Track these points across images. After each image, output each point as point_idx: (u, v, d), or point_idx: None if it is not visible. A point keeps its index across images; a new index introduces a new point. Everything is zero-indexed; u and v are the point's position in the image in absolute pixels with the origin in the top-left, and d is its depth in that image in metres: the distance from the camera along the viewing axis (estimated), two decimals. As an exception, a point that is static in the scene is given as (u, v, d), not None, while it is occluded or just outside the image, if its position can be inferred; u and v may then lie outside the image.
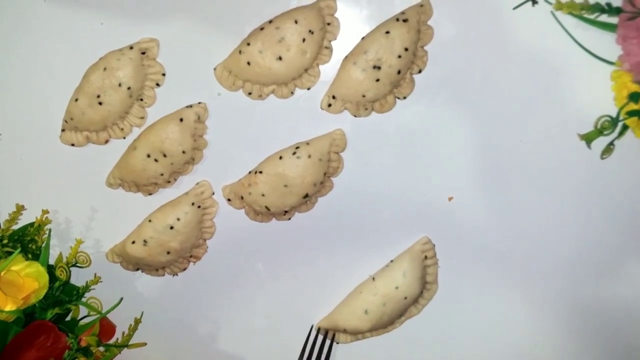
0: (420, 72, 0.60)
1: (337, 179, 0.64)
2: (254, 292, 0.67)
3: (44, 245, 0.63)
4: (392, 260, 0.64)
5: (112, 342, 0.67)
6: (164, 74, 0.63)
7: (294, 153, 0.61)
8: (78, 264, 0.65)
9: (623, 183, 0.61)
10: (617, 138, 0.60)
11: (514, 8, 0.59)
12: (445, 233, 0.64)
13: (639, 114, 0.59)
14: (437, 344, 0.66)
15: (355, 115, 0.61)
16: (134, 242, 0.64)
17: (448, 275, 0.64)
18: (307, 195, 0.62)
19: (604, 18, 0.57)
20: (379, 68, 0.58)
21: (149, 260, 0.64)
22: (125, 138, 0.64)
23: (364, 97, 0.60)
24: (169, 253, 0.64)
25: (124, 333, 0.66)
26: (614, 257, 0.63)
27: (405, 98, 0.61)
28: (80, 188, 0.66)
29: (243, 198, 0.63)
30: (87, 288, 0.64)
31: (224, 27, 0.62)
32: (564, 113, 0.60)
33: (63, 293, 0.64)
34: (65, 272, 0.63)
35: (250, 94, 0.62)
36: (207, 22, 0.62)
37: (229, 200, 0.64)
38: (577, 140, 0.60)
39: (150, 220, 0.64)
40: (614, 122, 0.59)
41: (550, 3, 0.58)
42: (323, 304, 0.66)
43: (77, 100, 0.62)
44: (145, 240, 0.63)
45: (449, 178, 0.63)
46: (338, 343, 0.66)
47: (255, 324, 0.68)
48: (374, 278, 0.64)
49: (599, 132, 0.60)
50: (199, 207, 0.64)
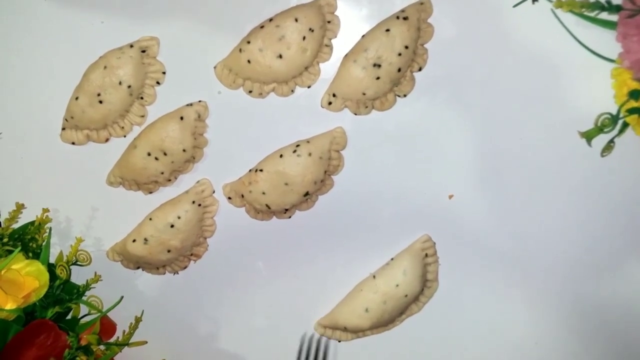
0: (421, 70, 0.60)
1: (337, 177, 0.64)
2: (255, 290, 0.67)
3: (45, 244, 0.63)
4: (392, 258, 0.64)
5: (112, 340, 0.67)
6: (164, 73, 0.63)
7: (295, 151, 0.61)
8: (78, 263, 0.65)
9: (623, 181, 0.61)
10: (617, 135, 0.60)
11: (514, 6, 0.59)
12: (446, 231, 0.64)
13: (639, 112, 0.59)
14: (437, 342, 0.66)
15: (356, 113, 0.61)
16: (135, 240, 0.64)
17: (448, 273, 0.64)
18: (307, 194, 0.62)
19: (604, 16, 0.58)
20: (379, 66, 0.58)
21: (150, 259, 0.64)
22: (126, 136, 0.64)
23: (364, 95, 0.60)
24: (170, 251, 0.64)
25: (125, 331, 0.66)
26: (614, 254, 0.63)
27: (406, 96, 0.61)
28: (81, 186, 0.66)
29: (243, 196, 0.63)
30: (87, 286, 0.64)
31: (224, 25, 0.62)
32: (564, 111, 0.60)
33: (63, 292, 0.64)
34: (66, 270, 0.63)
35: (251, 92, 0.62)
36: (207, 20, 0.62)
37: (230, 199, 0.64)
38: (577, 138, 0.60)
39: (151, 219, 0.64)
40: (614, 119, 0.59)
41: (551, 1, 0.58)
42: (324, 302, 0.66)
43: (77, 99, 0.62)
44: (146, 239, 0.63)
45: (449, 176, 0.63)
46: (339, 341, 0.66)
47: (256, 322, 0.68)
48: (375, 276, 0.64)
49: (599, 129, 0.60)
50: (200, 205, 0.64)
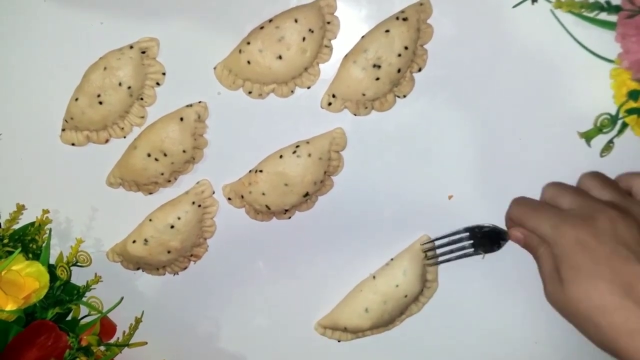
0: (420, 70, 0.61)
1: (337, 178, 0.64)
2: (255, 290, 0.67)
3: (45, 245, 0.63)
4: (392, 259, 0.64)
5: (112, 341, 0.67)
6: (164, 73, 0.63)
7: (294, 152, 0.61)
8: (79, 264, 0.65)
9: (623, 181, 0.61)
10: (616, 136, 0.60)
11: (514, 6, 0.59)
12: (445, 231, 0.64)
13: (639, 112, 0.59)
14: (438, 342, 0.66)
15: (355, 114, 0.61)
16: (135, 241, 0.64)
17: (448, 274, 0.64)
18: (307, 194, 0.62)
19: (604, 16, 0.58)
20: (379, 67, 0.59)
21: (150, 260, 0.64)
22: (126, 137, 0.64)
23: (364, 95, 0.60)
24: (170, 252, 0.64)
25: (125, 332, 0.67)
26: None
27: (405, 97, 0.61)
28: (81, 187, 0.66)
29: (243, 197, 0.64)
30: (87, 287, 0.64)
31: (224, 26, 0.61)
32: (564, 111, 0.60)
33: (64, 292, 0.64)
34: (66, 271, 0.63)
35: (251, 93, 0.62)
36: (207, 21, 0.62)
37: (230, 199, 0.64)
38: (576, 138, 0.60)
39: (151, 220, 0.64)
40: (614, 120, 0.59)
41: (550, 1, 0.58)
42: (324, 303, 0.66)
43: (77, 100, 0.62)
44: (146, 240, 0.63)
45: (449, 176, 0.63)
46: (339, 341, 0.66)
47: (256, 323, 0.68)
48: (375, 276, 0.64)
49: (599, 130, 0.60)
50: (200, 206, 0.64)
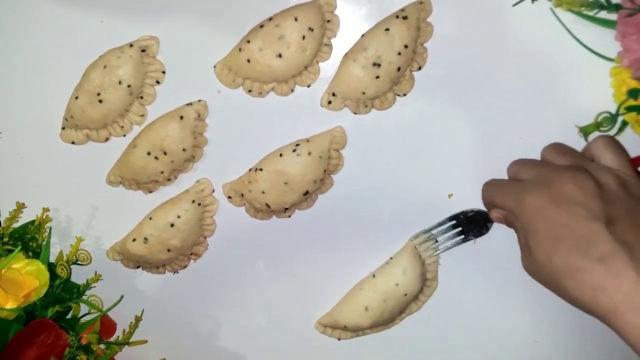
0: (420, 69, 0.61)
1: (337, 176, 0.64)
2: (254, 289, 0.67)
3: (45, 243, 0.63)
4: (391, 257, 0.64)
5: (112, 339, 0.67)
6: (164, 72, 0.63)
7: (294, 150, 0.61)
8: (78, 262, 0.65)
9: (622, 179, 0.61)
10: (616, 134, 0.60)
11: (514, 5, 0.59)
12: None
13: (638, 110, 0.59)
14: (437, 340, 0.66)
15: (355, 113, 0.61)
16: (135, 239, 0.64)
17: (448, 272, 0.64)
18: (307, 193, 0.62)
19: (603, 15, 0.58)
20: (379, 65, 0.59)
21: (150, 258, 0.64)
22: (126, 136, 0.64)
23: (364, 94, 0.60)
24: (170, 251, 0.64)
25: (125, 331, 0.67)
26: (614, 253, 0.63)
27: (405, 95, 0.61)
28: (81, 186, 0.66)
29: (243, 195, 0.64)
30: (87, 286, 0.64)
31: (224, 24, 0.62)
32: (564, 109, 0.60)
33: (64, 291, 0.64)
34: (66, 270, 0.63)
35: (250, 92, 0.62)
36: (206, 19, 0.62)
37: (229, 198, 0.65)
38: (577, 137, 0.60)
39: (151, 218, 0.64)
40: (614, 118, 0.59)
41: (550, 0, 0.58)
42: (323, 301, 0.66)
43: (77, 98, 0.62)
44: (146, 238, 0.63)
45: (449, 175, 0.63)
46: (339, 340, 0.66)
47: (256, 321, 0.68)
48: (374, 275, 0.64)
49: (597, 126, 0.60)
50: (200, 204, 0.64)
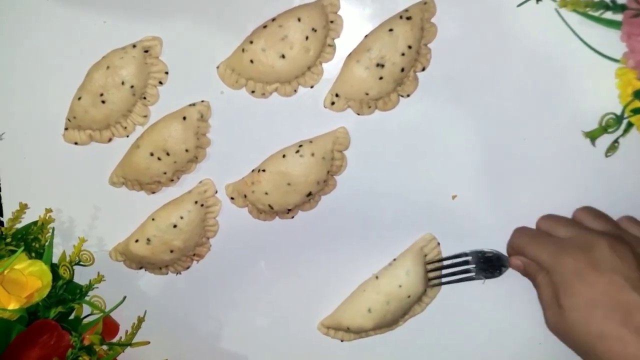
0: (424, 69, 0.60)
1: (340, 177, 0.63)
2: (257, 290, 0.67)
3: (47, 244, 0.63)
4: (395, 259, 0.64)
5: (115, 340, 0.67)
6: (167, 73, 0.63)
7: (297, 151, 0.61)
8: (81, 263, 0.65)
9: (627, 181, 0.61)
10: (621, 135, 0.59)
11: (518, 5, 0.58)
12: (449, 232, 0.63)
13: (644, 112, 0.59)
14: (441, 342, 0.66)
15: (359, 114, 0.61)
16: (137, 240, 0.64)
17: (452, 274, 0.64)
18: (310, 194, 0.62)
19: (609, 15, 0.57)
20: (383, 66, 0.58)
21: (152, 259, 0.64)
22: (129, 136, 0.64)
23: (367, 95, 0.60)
24: (172, 251, 0.64)
25: (127, 332, 0.66)
26: (619, 255, 0.63)
27: (409, 96, 0.61)
28: (84, 187, 0.66)
29: (246, 196, 0.63)
30: (90, 287, 0.64)
31: (227, 25, 0.61)
32: (568, 111, 0.60)
33: (66, 292, 0.64)
34: (69, 270, 0.63)
35: (253, 92, 0.62)
36: (210, 20, 0.62)
37: (232, 199, 0.64)
38: (581, 138, 0.60)
39: (154, 219, 0.64)
40: (619, 119, 0.59)
41: (555, 0, 0.58)
42: (326, 302, 0.65)
43: (80, 99, 0.62)
44: (149, 239, 0.63)
45: (453, 176, 0.62)
46: (342, 341, 0.66)
47: (259, 323, 0.68)
48: (378, 276, 0.63)
49: (604, 129, 0.59)
50: (202, 205, 0.64)
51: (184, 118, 0.62)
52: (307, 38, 0.59)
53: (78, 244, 0.64)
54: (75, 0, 0.62)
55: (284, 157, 0.61)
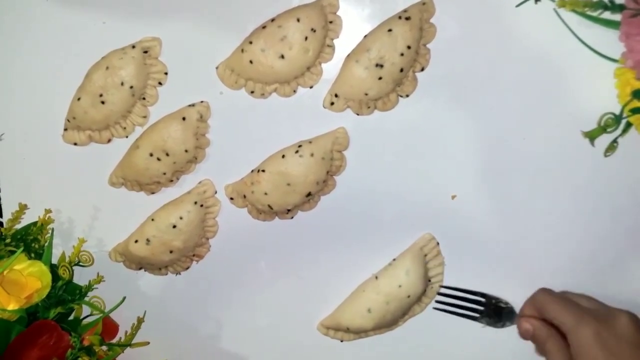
0: (423, 70, 0.60)
1: (339, 178, 0.63)
2: (257, 291, 0.67)
3: (47, 245, 0.63)
4: (394, 259, 0.64)
5: (114, 341, 0.66)
6: (167, 73, 0.63)
7: (297, 152, 0.61)
8: (81, 263, 0.65)
9: (626, 180, 0.61)
10: (620, 135, 0.60)
11: (517, 5, 0.58)
12: (449, 232, 0.63)
13: (643, 111, 0.59)
14: (440, 343, 0.66)
15: (358, 114, 0.61)
16: (137, 241, 0.64)
17: (452, 274, 0.64)
18: (309, 194, 0.62)
19: (607, 15, 0.57)
20: (382, 66, 0.58)
21: (152, 259, 0.64)
22: (128, 137, 0.64)
23: (367, 95, 0.60)
24: (172, 252, 0.64)
25: (127, 332, 0.66)
26: (618, 255, 0.63)
27: (408, 96, 0.61)
28: (83, 187, 0.66)
29: (246, 197, 0.63)
30: (89, 287, 0.64)
31: (226, 25, 0.61)
32: (567, 110, 0.60)
33: (66, 292, 0.64)
34: (68, 271, 0.63)
35: (253, 93, 0.62)
36: (209, 20, 0.62)
37: (232, 199, 0.64)
38: (580, 138, 0.60)
39: (153, 219, 0.64)
40: (618, 119, 0.59)
41: (553, 0, 0.58)
42: (326, 303, 0.65)
43: (79, 100, 0.62)
44: (148, 239, 0.63)
45: (452, 176, 0.62)
46: (342, 341, 0.66)
47: (258, 323, 0.68)
48: (377, 277, 0.63)
49: (603, 129, 0.59)
50: (202, 206, 0.64)
51: (184, 118, 0.62)
52: (306, 38, 0.59)
53: (77, 245, 0.64)
54: (75, 1, 0.62)
55: (284, 157, 0.61)
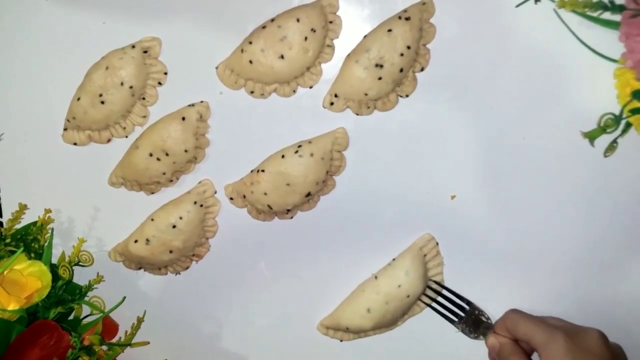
0: (423, 70, 0.60)
1: (339, 178, 0.63)
2: (257, 290, 0.67)
3: (47, 245, 0.63)
4: (394, 259, 0.64)
5: (114, 340, 0.67)
6: (166, 73, 0.63)
7: (296, 152, 0.61)
8: (81, 263, 0.65)
9: (626, 181, 0.61)
10: (620, 136, 0.60)
11: (517, 6, 0.58)
12: (448, 232, 0.63)
13: (643, 112, 0.59)
14: (440, 342, 0.66)
15: (358, 114, 0.61)
16: (137, 241, 0.64)
17: (451, 274, 0.64)
18: (309, 194, 0.62)
19: (607, 15, 0.57)
20: (381, 66, 0.58)
21: (152, 259, 0.64)
22: (128, 137, 0.64)
23: (367, 95, 0.60)
24: (172, 252, 0.64)
25: (127, 332, 0.67)
26: (617, 254, 0.63)
27: (408, 96, 0.61)
28: (83, 187, 0.66)
29: (245, 197, 0.63)
30: (89, 287, 0.64)
31: (226, 25, 0.61)
32: (567, 111, 0.60)
33: (66, 292, 0.64)
34: (68, 271, 0.63)
35: (252, 93, 0.62)
36: (209, 20, 0.62)
37: (231, 199, 0.64)
38: (580, 138, 0.60)
39: (153, 219, 0.64)
40: (617, 119, 0.59)
41: (553, 1, 0.58)
42: (326, 303, 0.65)
43: (79, 99, 0.62)
44: (148, 239, 0.63)
45: (452, 176, 0.62)
46: (342, 341, 0.66)
47: (258, 323, 0.68)
48: (377, 276, 0.64)
49: (602, 129, 0.59)
50: (201, 206, 0.64)
51: (183, 118, 0.62)
52: (306, 39, 0.59)
53: (77, 245, 0.64)
54: (75, 1, 0.62)
55: (283, 157, 0.61)
